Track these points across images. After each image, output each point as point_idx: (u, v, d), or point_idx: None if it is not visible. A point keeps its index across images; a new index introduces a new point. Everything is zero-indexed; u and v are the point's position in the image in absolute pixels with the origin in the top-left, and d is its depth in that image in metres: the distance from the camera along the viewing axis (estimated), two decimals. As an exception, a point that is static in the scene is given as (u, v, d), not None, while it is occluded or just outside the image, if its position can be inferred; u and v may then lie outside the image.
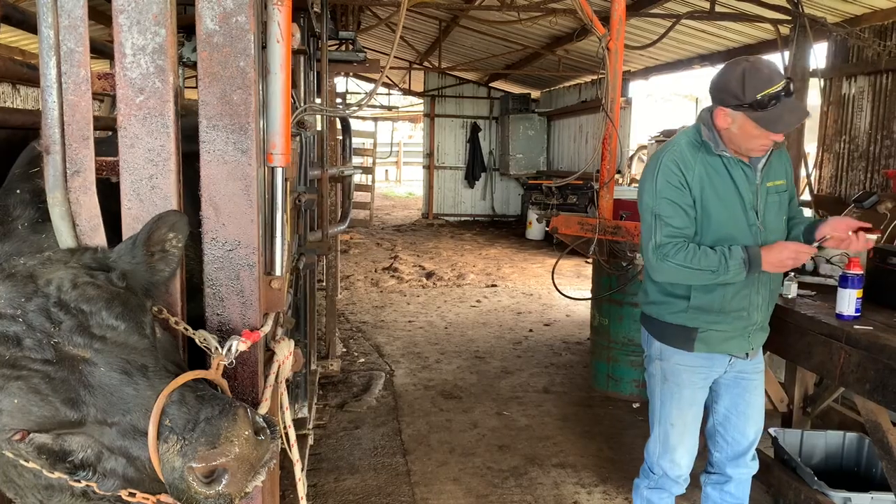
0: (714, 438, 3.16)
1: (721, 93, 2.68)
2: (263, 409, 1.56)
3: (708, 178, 2.75)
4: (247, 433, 1.23)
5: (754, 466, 3.16)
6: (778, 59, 7.24)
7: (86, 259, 1.40)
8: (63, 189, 1.51)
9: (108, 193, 1.58)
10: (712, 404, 3.12)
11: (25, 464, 1.30)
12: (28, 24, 2.20)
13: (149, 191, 1.54)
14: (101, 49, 2.84)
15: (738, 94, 2.60)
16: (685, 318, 2.90)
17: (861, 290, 3.06)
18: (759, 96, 2.57)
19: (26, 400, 1.20)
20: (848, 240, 2.76)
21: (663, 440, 3.06)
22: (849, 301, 3.05)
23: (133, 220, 1.54)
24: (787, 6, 6.68)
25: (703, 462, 3.26)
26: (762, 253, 2.69)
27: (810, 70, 6.93)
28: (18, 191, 1.74)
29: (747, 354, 2.98)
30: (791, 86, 2.62)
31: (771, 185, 2.84)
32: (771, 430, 3.69)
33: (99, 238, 1.54)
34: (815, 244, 2.78)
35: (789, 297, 3.44)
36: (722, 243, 2.74)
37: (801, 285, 3.56)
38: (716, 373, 3.01)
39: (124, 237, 1.51)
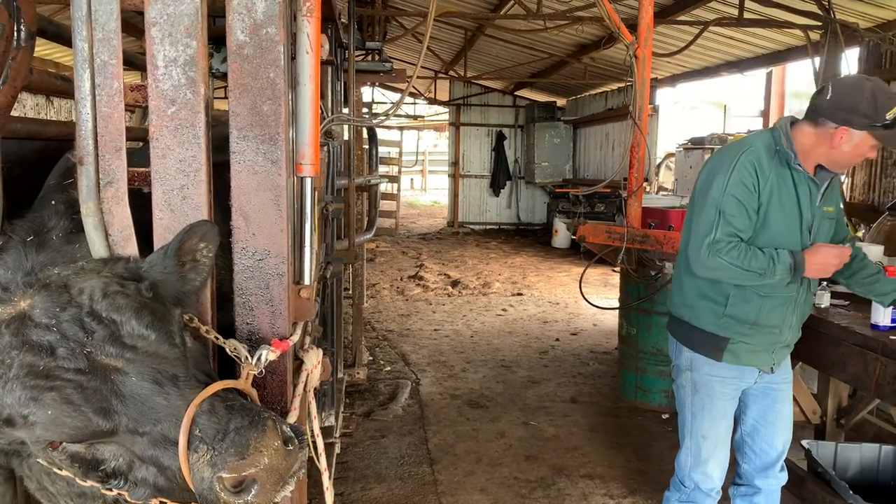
0: (742, 450, 3.13)
1: (848, 114, 2.62)
2: (292, 418, 1.56)
3: (777, 189, 2.74)
4: (276, 444, 1.23)
5: (783, 478, 3.12)
6: (808, 66, 7.16)
7: (118, 269, 1.41)
8: (96, 199, 1.53)
9: (140, 204, 1.59)
10: (740, 415, 3.09)
11: (59, 472, 1.31)
12: (63, 37, 2.23)
13: (180, 201, 1.55)
14: (133, 61, 2.88)
15: (870, 115, 2.58)
16: (717, 326, 2.87)
17: (896, 300, 3.00)
18: (889, 116, 2.58)
19: (60, 411, 1.21)
20: None
21: (695, 453, 3.03)
22: (884, 311, 3.00)
23: (164, 231, 1.55)
24: (817, 12, 6.60)
25: (732, 474, 3.21)
26: (806, 257, 2.69)
27: (842, 76, 6.83)
28: (53, 202, 1.75)
29: (772, 369, 2.97)
30: None
31: (827, 209, 2.85)
32: (804, 443, 3.62)
33: (131, 248, 1.55)
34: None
35: (822, 306, 3.39)
36: (776, 246, 2.76)
37: (834, 294, 3.50)
38: (746, 384, 2.98)
39: (156, 247, 1.53)
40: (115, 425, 1.25)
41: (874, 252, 3.76)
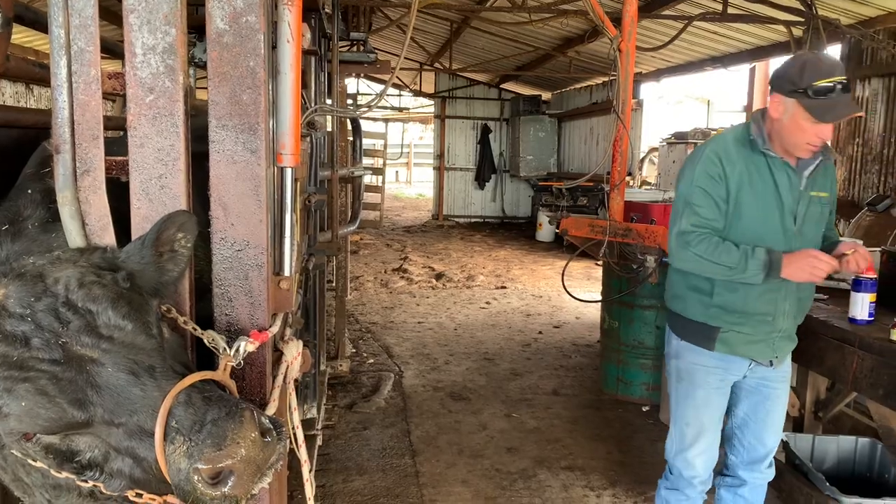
0: (731, 441, 3.13)
1: (779, 80, 2.67)
2: (271, 409, 1.56)
3: (748, 176, 2.72)
4: (253, 435, 1.22)
5: (770, 473, 3.13)
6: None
7: (94, 259, 1.40)
8: (73, 188, 1.51)
9: (118, 193, 1.58)
10: (732, 407, 3.08)
11: (33, 463, 1.30)
12: (41, 23, 2.21)
13: (158, 190, 1.54)
14: (112, 49, 2.85)
15: (794, 80, 2.58)
16: (707, 316, 2.87)
17: (874, 295, 3.04)
18: (814, 83, 2.54)
19: (34, 402, 1.20)
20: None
21: (679, 440, 3.05)
22: (862, 305, 3.03)
23: (142, 220, 1.53)
24: (800, 8, 6.64)
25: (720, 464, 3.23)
26: (784, 259, 2.63)
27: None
28: (30, 191, 1.73)
29: (771, 362, 2.93)
30: (849, 84, 2.60)
31: (815, 194, 2.78)
32: (782, 435, 3.66)
33: (108, 238, 1.54)
34: (844, 257, 2.66)
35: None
36: (748, 243, 2.68)
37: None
38: (734, 375, 2.96)
39: (133, 237, 1.51)
40: (90, 416, 1.24)
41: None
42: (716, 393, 2.97)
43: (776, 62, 9.28)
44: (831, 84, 2.54)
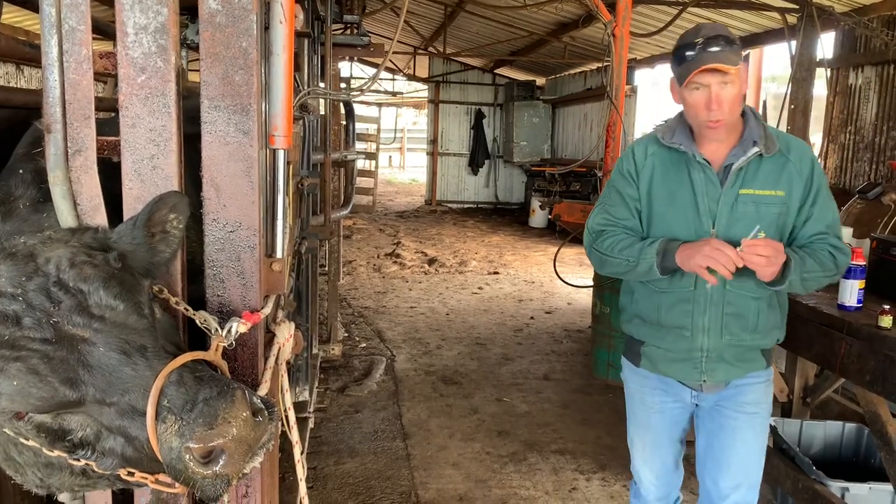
0: (698, 468, 2.77)
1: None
2: (263, 390, 1.56)
3: (662, 174, 2.46)
4: (244, 414, 1.22)
5: None
6: (785, 49, 7.20)
7: (86, 239, 1.40)
8: (64, 168, 1.50)
9: (110, 174, 1.57)
10: (697, 437, 2.75)
11: (25, 442, 1.30)
12: (31, 3, 2.19)
13: (150, 171, 1.53)
14: (105, 30, 2.83)
15: (675, 49, 2.36)
16: (631, 327, 2.66)
17: (863, 281, 3.06)
18: (676, 50, 2.31)
19: (25, 381, 1.20)
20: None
21: (631, 453, 2.86)
22: (851, 292, 3.05)
23: (134, 201, 1.53)
24: (795, -5, 6.63)
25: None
26: (680, 248, 2.33)
27: (817, 60, 6.89)
28: (21, 171, 1.73)
29: (701, 386, 2.56)
30: (714, 41, 2.24)
31: (748, 192, 2.38)
32: (770, 420, 3.69)
33: (100, 218, 1.53)
34: (739, 248, 2.23)
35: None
36: None
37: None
38: (677, 399, 2.63)
39: (125, 217, 1.51)
40: (82, 395, 1.24)
41: (844, 234, 3.82)
42: (658, 416, 2.67)
43: (770, 49, 9.30)
44: (691, 43, 2.26)
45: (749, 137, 2.38)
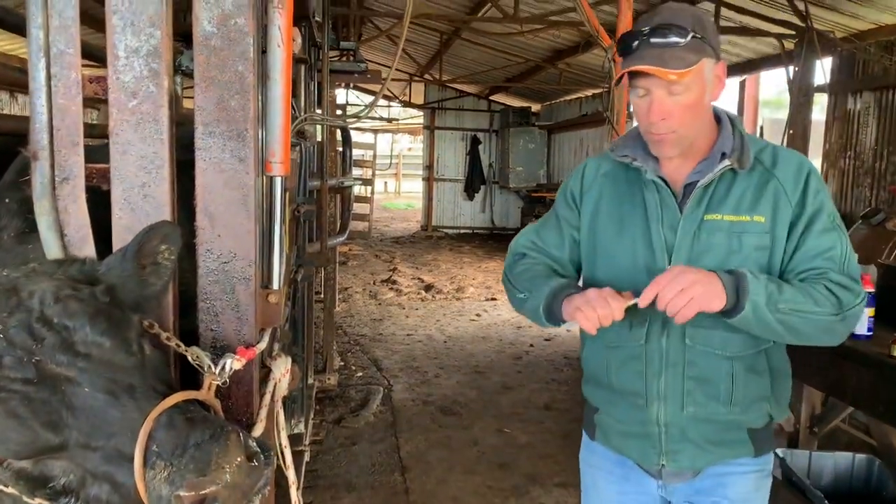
0: None
1: None
2: (258, 430, 1.49)
3: (612, 196, 1.93)
4: (239, 459, 1.15)
5: None
6: (782, 74, 7.22)
7: (72, 271, 1.33)
8: (51, 197, 1.44)
9: (99, 202, 1.51)
10: None
11: (3, 489, 1.22)
12: (18, 27, 2.14)
13: (141, 200, 1.47)
14: (95, 54, 2.78)
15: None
16: (587, 390, 2.10)
17: (873, 309, 3.00)
18: (623, 36, 1.78)
19: (4, 425, 1.12)
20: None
21: None
22: (861, 320, 2.99)
23: (124, 231, 1.46)
24: (793, 21, 6.65)
25: None
26: (574, 294, 1.78)
27: (815, 85, 6.90)
28: (7, 200, 1.67)
29: (660, 472, 1.95)
30: (659, 34, 1.69)
31: (714, 217, 1.79)
32: (778, 451, 3.60)
33: (88, 249, 1.47)
34: (633, 301, 1.70)
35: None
36: (612, 285, 1.77)
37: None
38: (640, 489, 2.01)
39: (114, 248, 1.44)
40: (65, 440, 1.17)
41: (854, 269, 3.77)
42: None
43: (767, 75, 9.34)
44: (637, 31, 1.74)
45: (718, 150, 1.82)
